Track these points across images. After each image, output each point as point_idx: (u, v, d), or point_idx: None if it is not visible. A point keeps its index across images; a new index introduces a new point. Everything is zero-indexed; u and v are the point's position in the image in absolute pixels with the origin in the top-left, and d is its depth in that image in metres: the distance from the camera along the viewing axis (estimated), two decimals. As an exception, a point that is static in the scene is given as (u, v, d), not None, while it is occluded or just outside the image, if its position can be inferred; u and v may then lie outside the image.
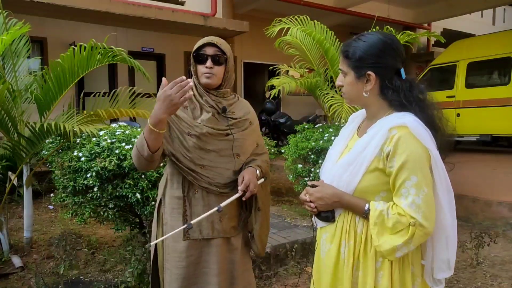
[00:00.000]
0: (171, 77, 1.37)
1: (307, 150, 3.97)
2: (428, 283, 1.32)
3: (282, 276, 3.13)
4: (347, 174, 1.29)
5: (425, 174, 1.20)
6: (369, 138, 1.27)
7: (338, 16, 10.11)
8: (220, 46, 1.69)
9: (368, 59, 1.27)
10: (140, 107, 3.78)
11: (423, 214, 1.17)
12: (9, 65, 3.32)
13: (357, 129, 1.44)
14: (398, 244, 1.19)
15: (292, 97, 10.88)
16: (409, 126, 1.21)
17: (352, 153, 1.30)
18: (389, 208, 1.22)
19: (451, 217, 1.25)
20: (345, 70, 1.33)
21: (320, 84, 4.97)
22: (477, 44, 8.78)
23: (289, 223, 4.01)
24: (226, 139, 1.70)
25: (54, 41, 7.88)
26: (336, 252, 1.33)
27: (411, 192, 1.18)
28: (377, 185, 1.26)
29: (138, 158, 1.57)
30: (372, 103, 1.33)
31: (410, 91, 1.28)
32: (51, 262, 3.02)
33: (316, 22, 5.05)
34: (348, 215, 1.32)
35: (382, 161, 1.23)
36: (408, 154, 1.19)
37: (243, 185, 1.63)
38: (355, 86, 1.31)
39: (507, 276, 3.18)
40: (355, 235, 1.29)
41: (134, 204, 2.68)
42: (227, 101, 1.76)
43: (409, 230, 1.18)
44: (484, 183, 5.41)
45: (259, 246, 1.84)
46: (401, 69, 1.30)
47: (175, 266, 1.69)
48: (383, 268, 1.26)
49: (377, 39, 1.28)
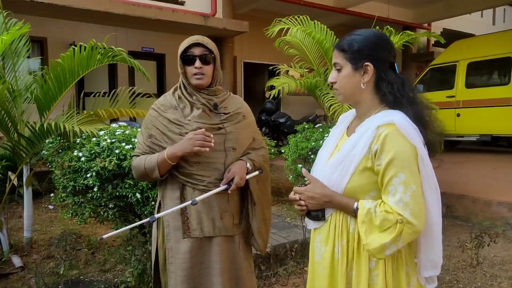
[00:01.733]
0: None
1: (307, 150, 3.97)
2: (420, 281, 1.31)
3: (282, 276, 3.13)
4: (337, 174, 1.29)
5: (413, 172, 1.19)
6: (358, 137, 1.28)
7: (338, 16, 10.12)
8: (206, 45, 1.69)
9: (365, 51, 1.29)
10: (140, 107, 3.78)
11: (411, 211, 1.17)
12: (9, 65, 3.32)
13: (346, 129, 1.44)
14: (386, 241, 1.18)
15: (292, 97, 10.87)
16: (397, 123, 1.21)
17: (341, 153, 1.30)
18: (376, 206, 1.22)
19: (437, 215, 1.25)
20: (341, 63, 1.33)
21: (320, 84, 4.96)
22: (477, 44, 8.78)
23: (289, 223, 4.02)
24: (218, 133, 1.69)
25: (54, 41, 7.88)
26: (331, 253, 1.33)
27: (399, 190, 1.18)
28: (367, 185, 1.26)
29: (143, 177, 1.70)
30: (365, 99, 1.33)
31: (402, 86, 1.30)
32: (51, 262, 3.02)
33: (316, 22, 5.06)
34: (340, 215, 1.32)
35: (371, 159, 1.24)
36: (396, 152, 1.19)
37: (225, 179, 1.64)
38: (352, 78, 1.31)
39: (507, 276, 3.18)
40: (347, 235, 1.29)
41: (134, 204, 2.68)
42: (218, 98, 1.76)
43: (396, 227, 1.17)
44: (484, 183, 5.40)
45: (259, 242, 1.81)
46: (395, 64, 1.33)
47: (180, 268, 1.67)
48: (378, 268, 1.25)
49: (372, 32, 1.33)
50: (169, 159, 1.59)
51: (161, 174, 1.64)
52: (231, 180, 1.64)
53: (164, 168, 1.63)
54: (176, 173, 1.68)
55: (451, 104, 8.66)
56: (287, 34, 5.10)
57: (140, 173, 1.69)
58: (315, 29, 4.98)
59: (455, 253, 3.56)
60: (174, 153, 1.59)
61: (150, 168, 1.63)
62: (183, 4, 8.06)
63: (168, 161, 1.60)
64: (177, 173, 1.68)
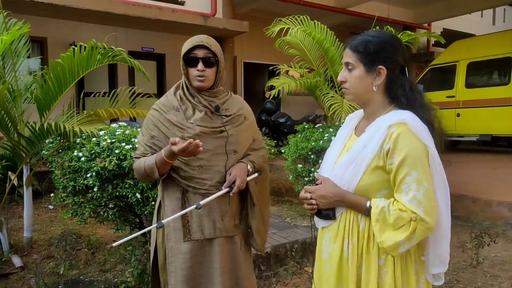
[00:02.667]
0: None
1: (307, 150, 3.97)
2: (428, 278, 1.32)
3: (282, 276, 3.13)
4: (348, 173, 1.30)
5: (425, 170, 1.21)
6: (369, 136, 1.29)
7: (338, 16, 10.12)
8: (210, 48, 1.67)
9: (381, 54, 1.30)
10: (140, 107, 3.78)
11: (424, 209, 1.19)
12: (9, 65, 3.32)
13: (354, 129, 1.45)
14: (401, 239, 1.20)
15: (292, 97, 10.88)
16: (408, 123, 1.23)
17: (353, 151, 1.31)
18: (390, 204, 1.23)
19: (446, 212, 1.28)
20: (353, 64, 1.33)
21: (320, 84, 4.97)
22: (477, 44, 8.78)
23: (289, 223, 4.01)
24: (220, 136, 1.69)
25: (54, 41, 7.88)
26: (339, 251, 1.33)
27: (412, 188, 1.20)
28: (378, 183, 1.27)
29: (145, 177, 1.69)
30: (375, 99, 1.34)
31: (411, 90, 1.32)
32: (51, 262, 3.02)
33: (316, 22, 5.05)
34: (350, 213, 1.33)
35: (383, 158, 1.25)
36: (408, 150, 1.21)
37: (227, 182, 1.65)
38: (364, 80, 1.32)
39: (507, 276, 3.18)
40: (358, 232, 1.30)
41: (134, 204, 2.68)
42: (220, 99, 1.75)
43: (410, 225, 1.19)
44: (484, 183, 5.40)
45: (258, 242, 1.83)
46: (406, 68, 1.34)
47: (180, 267, 1.67)
48: (387, 265, 1.27)
49: (388, 36, 1.33)
50: (167, 157, 1.57)
51: (160, 174, 1.64)
52: (232, 183, 1.65)
53: (163, 167, 1.62)
54: (177, 177, 1.67)
55: (451, 104, 8.67)
56: (287, 34, 5.10)
57: (141, 174, 1.69)
58: (315, 29, 4.97)
59: (455, 253, 3.56)
60: (171, 150, 1.54)
61: (149, 169, 1.63)
62: (183, 4, 8.06)
63: (166, 160, 1.58)
64: (178, 177, 1.67)
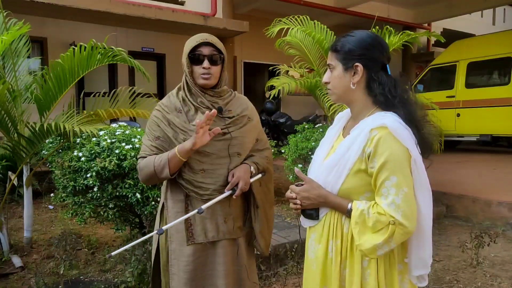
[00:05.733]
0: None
1: (307, 150, 3.97)
2: (411, 280, 1.33)
3: (282, 276, 3.12)
4: (332, 176, 1.32)
5: (405, 174, 1.22)
6: (352, 139, 1.30)
7: (338, 16, 10.11)
8: (216, 45, 1.66)
9: (356, 51, 1.31)
10: (140, 107, 3.78)
11: (402, 213, 1.19)
12: (9, 65, 3.32)
13: (342, 129, 1.46)
14: (379, 242, 1.21)
15: (292, 97, 10.87)
16: (389, 126, 1.23)
17: (336, 154, 1.33)
18: (370, 208, 1.24)
19: (428, 215, 1.27)
20: (333, 64, 1.36)
21: (320, 84, 4.96)
22: (477, 44, 8.78)
23: (289, 223, 4.01)
24: (223, 139, 1.67)
25: (54, 41, 7.87)
26: (324, 252, 1.35)
27: (391, 192, 1.21)
28: (361, 186, 1.29)
29: (151, 177, 1.64)
30: (358, 99, 1.35)
31: (394, 88, 1.32)
32: (51, 262, 3.01)
33: (316, 22, 5.06)
34: (334, 215, 1.34)
35: (364, 162, 1.26)
36: (388, 155, 1.21)
37: (229, 184, 1.63)
38: (343, 78, 1.34)
39: (507, 276, 3.18)
40: (341, 235, 1.32)
41: (134, 204, 2.68)
42: (224, 100, 1.72)
43: (389, 229, 1.20)
44: (484, 183, 5.41)
45: (262, 244, 1.80)
46: (387, 65, 1.35)
47: (183, 270, 1.66)
48: (370, 267, 1.28)
49: (365, 34, 1.35)
50: (180, 153, 1.56)
51: (171, 173, 1.60)
52: (235, 185, 1.63)
53: (175, 165, 1.59)
54: (181, 181, 1.65)
55: (451, 104, 8.67)
56: (287, 34, 5.10)
57: (148, 174, 1.63)
58: (315, 29, 4.98)
59: (455, 253, 3.56)
60: (184, 146, 1.55)
61: (159, 166, 1.59)
62: (183, 4, 8.06)
63: (178, 156, 1.56)
64: (182, 182, 1.65)
